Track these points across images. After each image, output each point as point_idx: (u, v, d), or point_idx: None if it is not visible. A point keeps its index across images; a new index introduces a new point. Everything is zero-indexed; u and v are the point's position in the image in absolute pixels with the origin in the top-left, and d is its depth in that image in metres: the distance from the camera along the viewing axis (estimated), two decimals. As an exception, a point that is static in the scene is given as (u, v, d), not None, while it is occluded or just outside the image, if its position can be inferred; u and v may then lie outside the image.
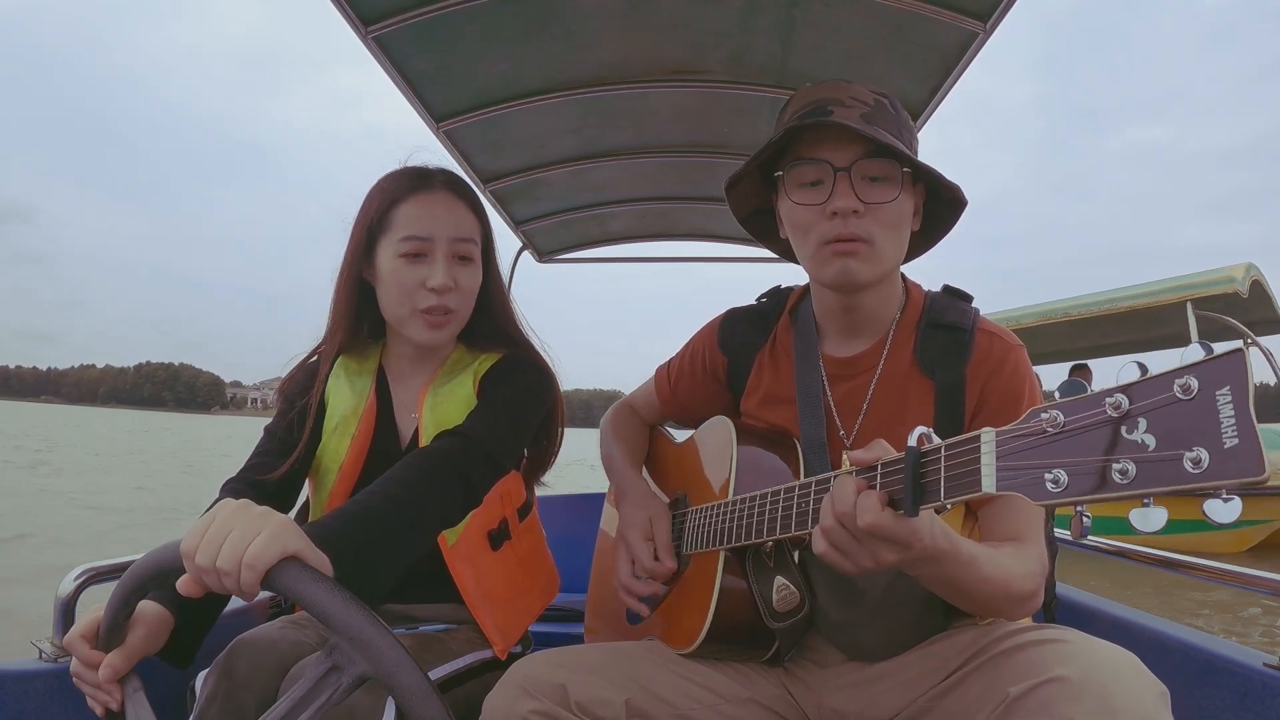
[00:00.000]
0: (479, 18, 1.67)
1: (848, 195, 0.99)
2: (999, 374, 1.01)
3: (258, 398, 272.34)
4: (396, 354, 1.29)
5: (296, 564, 0.73)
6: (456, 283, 1.19)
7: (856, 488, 0.72)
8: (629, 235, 3.24)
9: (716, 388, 1.28)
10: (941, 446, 0.65)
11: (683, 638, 1.05)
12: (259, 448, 1.23)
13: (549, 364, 1.31)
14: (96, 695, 0.86)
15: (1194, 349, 0.47)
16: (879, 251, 1.01)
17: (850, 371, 1.10)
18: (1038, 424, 0.55)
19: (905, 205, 1.02)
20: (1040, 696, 0.72)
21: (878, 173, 1.00)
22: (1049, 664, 0.74)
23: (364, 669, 0.69)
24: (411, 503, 0.96)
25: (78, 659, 0.87)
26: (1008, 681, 0.76)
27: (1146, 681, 0.73)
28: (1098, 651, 0.75)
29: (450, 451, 1.06)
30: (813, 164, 1.01)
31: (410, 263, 1.18)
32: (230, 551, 0.71)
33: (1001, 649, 0.83)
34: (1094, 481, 0.50)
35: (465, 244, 1.20)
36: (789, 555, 1.02)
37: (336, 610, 0.68)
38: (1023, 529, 0.95)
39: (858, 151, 0.99)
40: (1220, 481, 0.44)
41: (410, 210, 1.19)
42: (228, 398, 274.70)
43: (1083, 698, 0.70)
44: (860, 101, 1.01)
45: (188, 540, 0.74)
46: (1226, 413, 0.44)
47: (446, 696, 0.88)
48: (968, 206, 1.07)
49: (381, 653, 0.67)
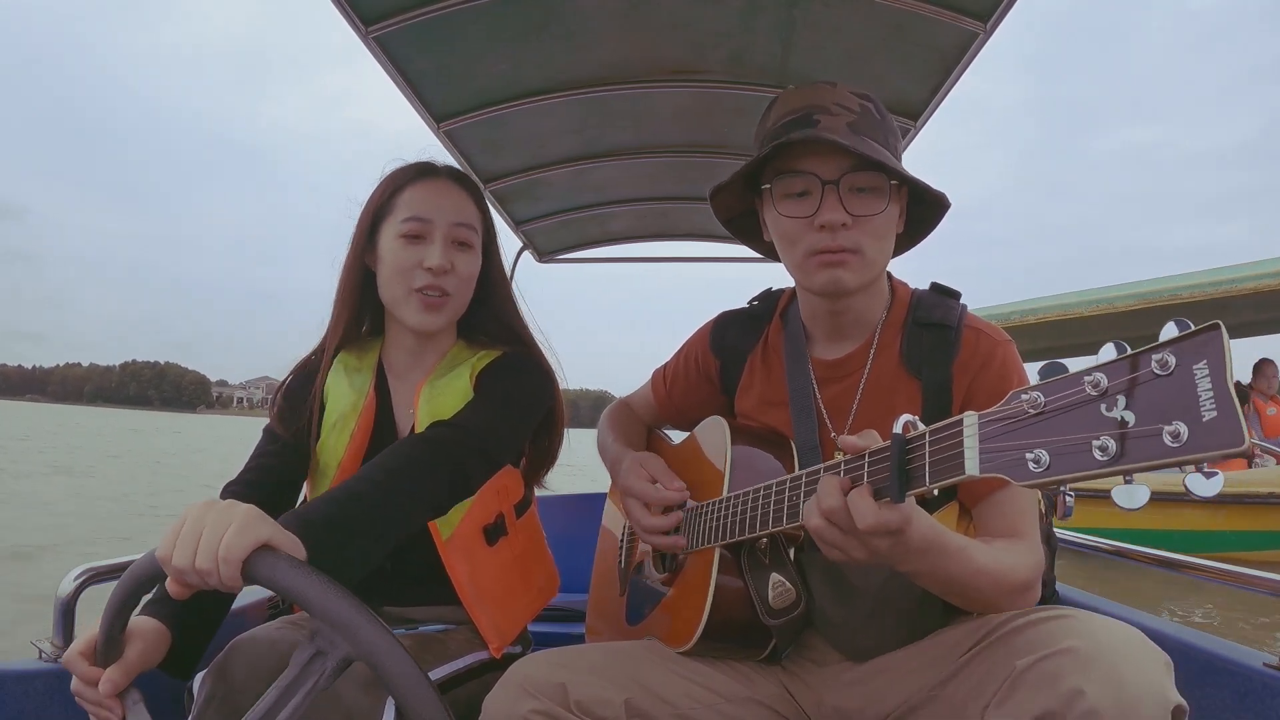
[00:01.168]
0: (479, 18, 1.68)
1: (836, 209, 0.99)
2: (986, 370, 1.01)
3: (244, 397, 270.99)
4: (395, 348, 1.29)
5: (270, 552, 0.73)
6: (454, 266, 1.20)
7: (841, 487, 0.73)
8: (629, 235, 3.25)
9: (710, 390, 1.28)
10: (926, 432, 0.65)
11: (680, 636, 1.05)
12: (259, 449, 1.23)
13: (550, 363, 1.31)
14: (98, 712, 0.88)
15: (1170, 327, 0.47)
16: (867, 261, 1.02)
17: (839, 374, 1.10)
18: (1019, 405, 0.55)
19: (892, 214, 1.03)
20: (1048, 667, 0.72)
21: (865, 184, 1.00)
22: (1056, 637, 0.75)
23: (346, 651, 0.69)
24: (394, 488, 0.96)
25: (78, 677, 0.88)
26: (1014, 656, 0.76)
27: (1152, 653, 0.73)
28: (1104, 625, 0.76)
29: (440, 440, 1.06)
30: (800, 176, 1.01)
31: (409, 243, 1.19)
32: (205, 549, 0.72)
33: (1007, 629, 0.83)
34: (1075, 460, 0.50)
35: (464, 229, 1.22)
36: (785, 552, 1.02)
37: (314, 594, 0.69)
38: (1017, 524, 0.95)
39: (845, 164, 0.99)
40: (1200, 454, 0.44)
41: (413, 194, 1.21)
42: (213, 397, 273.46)
43: (1090, 668, 0.70)
44: (846, 109, 1.01)
45: (162, 546, 0.75)
46: (1204, 387, 0.44)
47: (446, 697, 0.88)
48: (951, 208, 1.07)
49: (361, 633, 0.67)
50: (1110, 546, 1.60)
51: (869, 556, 0.75)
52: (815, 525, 0.76)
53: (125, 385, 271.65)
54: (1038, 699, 0.71)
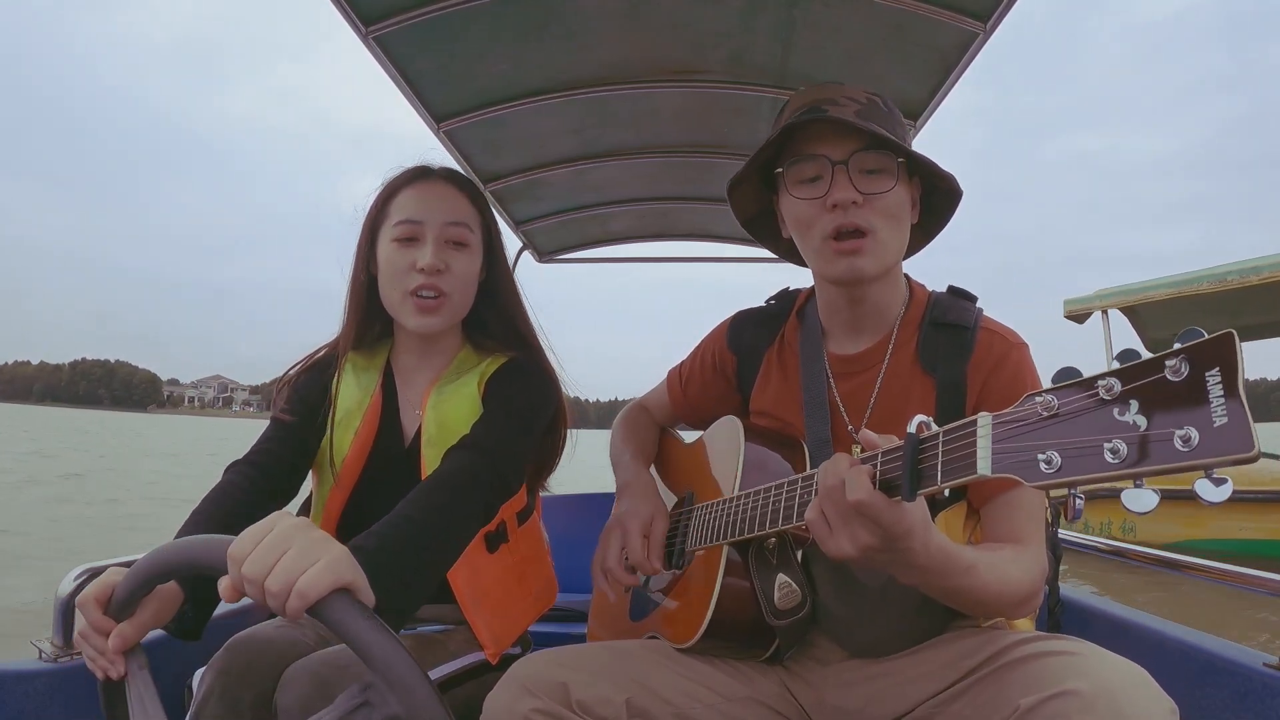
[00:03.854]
0: (479, 18, 1.68)
1: (846, 187, 1.01)
2: (1000, 372, 1.02)
3: (195, 396, 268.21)
4: (402, 351, 1.30)
5: (347, 598, 0.70)
6: (448, 266, 1.20)
7: (850, 463, 0.73)
8: (629, 235, 3.25)
9: (726, 388, 1.29)
10: (940, 433, 0.65)
11: (683, 633, 1.05)
12: (266, 434, 1.23)
13: (554, 368, 1.31)
14: (99, 660, 0.84)
15: (1185, 333, 0.47)
16: (882, 241, 1.03)
17: (856, 368, 1.11)
18: (1032, 408, 0.56)
19: (902, 195, 1.05)
20: (1051, 710, 0.72)
21: (874, 165, 1.02)
22: (1060, 676, 0.74)
23: (395, 711, 0.68)
24: (445, 529, 0.97)
25: (89, 622, 0.85)
26: (1017, 693, 0.76)
27: (1157, 697, 0.73)
28: (1109, 665, 0.75)
29: (478, 473, 1.06)
30: (811, 160, 1.03)
31: (403, 246, 1.20)
32: (283, 573, 0.69)
33: (1011, 658, 0.82)
34: (1086, 462, 0.51)
35: (458, 228, 1.22)
36: (792, 553, 1.02)
37: (382, 652, 0.67)
38: (1023, 529, 0.95)
39: (854, 145, 1.02)
40: (1210, 459, 0.44)
41: (406, 197, 1.22)
42: (164, 396, 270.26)
43: (1093, 712, 0.70)
44: (854, 100, 1.05)
45: (239, 546, 0.71)
46: (1216, 393, 0.45)
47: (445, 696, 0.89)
48: (963, 195, 1.09)
49: (417, 699, 0.66)
50: (1110, 547, 1.61)
51: (854, 550, 0.73)
52: (810, 517, 0.76)
53: (75, 384, 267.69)
54: None
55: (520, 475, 1.18)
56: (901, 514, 0.71)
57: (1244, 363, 0.43)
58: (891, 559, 0.75)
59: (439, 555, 0.94)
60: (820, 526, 0.76)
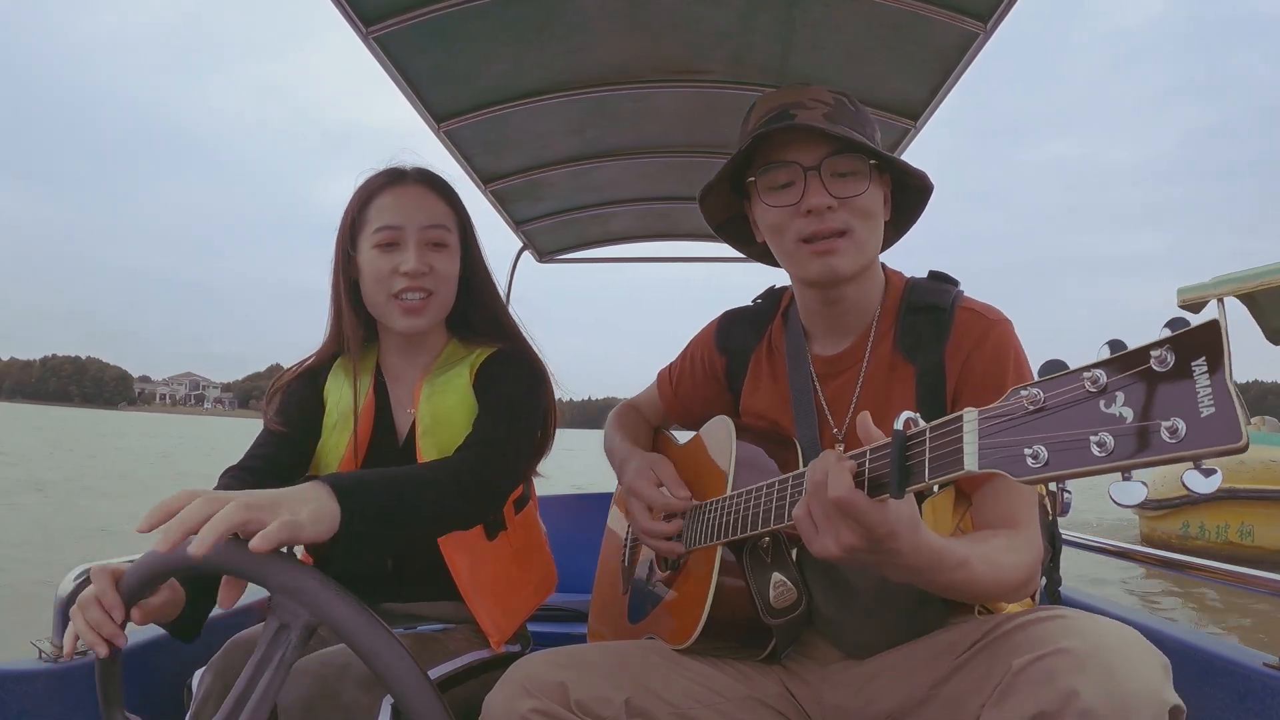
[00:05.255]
0: (480, 18, 1.68)
1: (820, 193, 1.01)
2: (979, 351, 1.01)
3: (166, 393, 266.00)
4: (389, 351, 1.32)
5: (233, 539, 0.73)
6: (431, 267, 1.22)
7: (836, 459, 0.73)
8: (629, 235, 3.26)
9: (716, 388, 1.29)
10: (926, 429, 0.65)
11: (680, 633, 1.05)
12: (258, 441, 1.25)
13: (538, 355, 1.32)
14: (98, 629, 0.84)
15: (1171, 322, 0.47)
16: (858, 240, 1.03)
17: (837, 369, 1.11)
18: (1018, 402, 0.55)
19: (875, 196, 1.04)
20: (1044, 667, 0.72)
21: (846, 168, 1.02)
22: (1053, 637, 0.74)
23: (307, 617, 0.69)
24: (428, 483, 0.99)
25: (98, 595, 0.85)
26: (1011, 655, 0.76)
27: (1149, 653, 0.73)
28: (1101, 626, 0.75)
29: (488, 459, 1.10)
30: (783, 166, 1.03)
31: (384, 252, 1.22)
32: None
33: (1005, 629, 0.82)
34: (1073, 455, 0.50)
35: (437, 230, 1.24)
36: (786, 552, 1.02)
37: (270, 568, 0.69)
38: (1015, 513, 0.95)
39: (825, 150, 1.01)
40: (1198, 450, 0.44)
41: (383, 203, 1.24)
42: (135, 393, 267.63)
43: (1087, 668, 0.70)
44: (820, 102, 1.04)
45: None
46: (1203, 383, 0.44)
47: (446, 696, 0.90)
48: (934, 190, 1.08)
49: (316, 594, 0.67)
50: (1112, 547, 1.60)
51: (837, 549, 0.73)
52: (798, 514, 0.76)
53: (45, 380, 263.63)
54: (1033, 699, 0.71)
55: (525, 463, 1.20)
56: (885, 514, 0.70)
57: (1231, 352, 0.43)
58: (877, 560, 0.75)
59: (415, 500, 0.95)
60: (806, 525, 0.76)
